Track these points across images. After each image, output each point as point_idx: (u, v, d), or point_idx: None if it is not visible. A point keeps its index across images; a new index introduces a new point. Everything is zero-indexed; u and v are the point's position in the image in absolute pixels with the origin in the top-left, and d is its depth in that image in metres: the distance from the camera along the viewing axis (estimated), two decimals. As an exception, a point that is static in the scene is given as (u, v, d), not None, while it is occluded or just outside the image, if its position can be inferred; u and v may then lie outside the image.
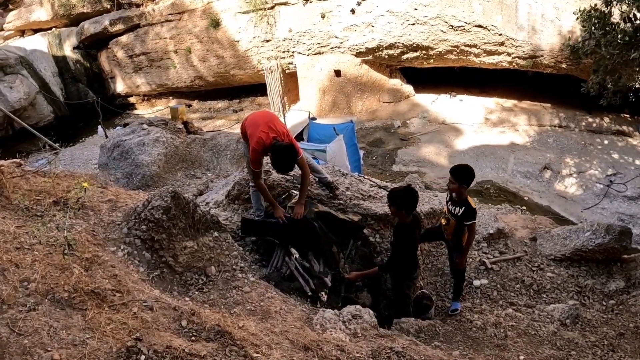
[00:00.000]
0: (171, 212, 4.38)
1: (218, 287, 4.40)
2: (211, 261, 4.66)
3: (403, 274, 5.53)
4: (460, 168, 5.43)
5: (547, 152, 14.76)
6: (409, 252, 5.37)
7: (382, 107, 18.78)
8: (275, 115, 6.03)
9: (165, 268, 4.34)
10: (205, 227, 4.83)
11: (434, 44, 16.13)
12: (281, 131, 5.59)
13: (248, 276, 4.74)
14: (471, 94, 18.23)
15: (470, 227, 5.52)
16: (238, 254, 5.04)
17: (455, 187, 5.38)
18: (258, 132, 5.46)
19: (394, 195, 5.12)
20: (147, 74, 22.97)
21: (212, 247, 4.76)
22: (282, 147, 5.35)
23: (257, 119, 5.74)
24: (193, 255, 4.51)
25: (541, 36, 14.40)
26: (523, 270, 6.90)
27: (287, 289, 5.05)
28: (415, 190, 5.19)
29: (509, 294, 6.52)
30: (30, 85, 22.21)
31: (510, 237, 7.59)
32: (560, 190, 13.36)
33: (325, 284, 5.17)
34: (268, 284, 4.88)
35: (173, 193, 4.43)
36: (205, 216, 4.83)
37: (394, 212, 5.16)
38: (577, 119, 15.93)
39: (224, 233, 5.14)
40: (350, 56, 17.94)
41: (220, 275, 4.57)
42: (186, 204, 4.55)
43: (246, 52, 19.70)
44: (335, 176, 7.09)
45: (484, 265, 6.91)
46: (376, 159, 15.65)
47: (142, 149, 10.27)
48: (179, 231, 4.44)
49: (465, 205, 5.41)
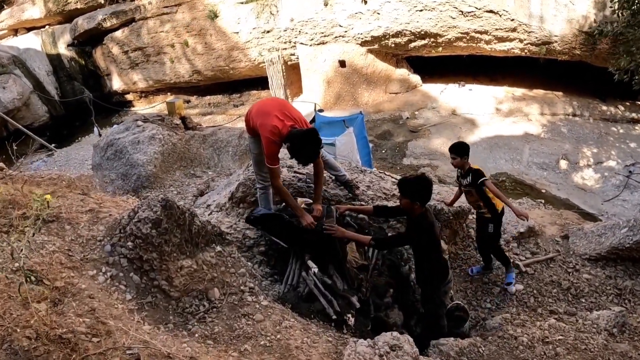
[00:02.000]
0: (162, 226, 3.62)
1: (223, 315, 3.65)
2: (214, 282, 3.89)
3: (432, 285, 4.78)
4: (457, 144, 5.84)
5: (562, 142, 14.36)
6: (433, 254, 4.66)
7: (389, 98, 18.34)
8: (285, 100, 5.31)
9: (158, 293, 3.60)
10: (206, 241, 4.07)
11: (443, 30, 15.59)
12: (297, 117, 4.88)
13: (259, 299, 3.95)
14: (480, 83, 17.89)
15: (486, 183, 5.61)
16: (246, 271, 4.26)
17: (458, 161, 5.71)
18: (271, 120, 4.71)
19: (406, 185, 4.43)
20: (144, 70, 22.40)
21: (214, 265, 3.99)
22: (303, 132, 4.65)
23: (265, 107, 4.97)
24: (192, 276, 3.76)
25: (554, 21, 13.90)
26: (558, 272, 6.39)
27: (306, 311, 4.29)
28: (429, 178, 4.59)
29: (547, 300, 6.00)
30: (23, 85, 21.69)
31: (541, 235, 7.07)
32: (579, 182, 12.97)
33: (352, 305, 4.39)
34: (284, 308, 4.11)
35: (164, 202, 3.67)
36: (205, 228, 4.06)
37: (406, 204, 4.42)
38: (591, 108, 15.59)
39: (229, 246, 4.37)
40: (355, 45, 17.38)
41: (226, 300, 3.80)
42: (181, 214, 3.78)
43: (246, 43, 19.16)
44: (354, 173, 6.39)
45: (517, 269, 6.33)
46: (385, 153, 15.19)
47: (137, 148, 9.55)
48: (173, 248, 3.69)
49: (471, 172, 5.70)
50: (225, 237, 4.37)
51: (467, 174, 5.74)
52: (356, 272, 4.86)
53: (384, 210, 5.06)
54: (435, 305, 4.83)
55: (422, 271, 4.75)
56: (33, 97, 22.12)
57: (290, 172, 5.95)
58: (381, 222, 5.69)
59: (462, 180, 5.85)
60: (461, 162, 5.72)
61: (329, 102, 18.40)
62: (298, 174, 5.87)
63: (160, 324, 3.40)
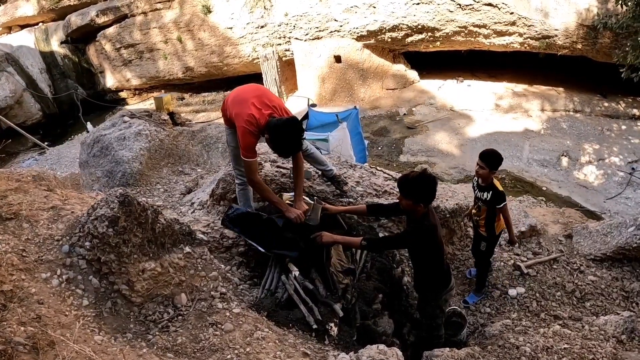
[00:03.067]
0: (120, 224, 3.25)
1: (189, 324, 3.26)
2: (181, 286, 3.51)
3: (432, 293, 4.33)
4: (492, 153, 5.16)
5: (563, 138, 14.09)
6: (434, 260, 4.20)
7: (386, 95, 18.07)
8: (264, 87, 4.81)
9: (118, 299, 3.24)
10: (173, 241, 3.68)
11: (441, 24, 15.26)
12: (277, 105, 4.46)
13: (231, 306, 3.56)
14: (479, 78, 17.72)
15: (503, 209, 5.22)
16: (219, 274, 3.86)
17: (486, 172, 5.10)
18: (247, 108, 4.29)
19: (408, 184, 3.90)
20: (137, 67, 22.13)
21: (182, 268, 3.62)
22: (284, 121, 4.22)
23: (242, 95, 4.53)
24: (156, 280, 3.38)
25: (555, 15, 13.51)
26: (562, 274, 6.03)
27: (284, 320, 3.84)
28: (433, 176, 4.03)
29: (550, 304, 5.64)
30: (16, 83, 21.47)
31: (543, 234, 6.72)
32: (580, 179, 12.70)
33: (335, 313, 3.96)
34: (258, 316, 3.69)
35: (122, 197, 3.29)
36: (171, 226, 3.67)
37: (408, 205, 3.92)
38: (592, 104, 15.35)
39: (199, 247, 3.97)
40: (350, 40, 17.07)
41: (194, 306, 3.42)
42: (142, 211, 3.39)
43: (240, 39, 18.87)
44: (343, 168, 5.98)
45: (518, 270, 6.00)
46: (382, 149, 14.87)
47: (123, 144, 9.21)
48: (133, 249, 3.31)
49: (492, 189, 5.18)
50: (196, 237, 3.96)
51: (487, 189, 5.23)
52: (341, 276, 4.40)
53: (378, 209, 4.61)
54: (434, 315, 4.41)
55: (421, 277, 4.34)
56: (26, 95, 21.89)
57: (273, 167, 5.55)
58: (371, 221, 5.28)
59: (479, 193, 5.37)
60: (488, 174, 5.14)
61: (324, 98, 18.10)
62: (282, 169, 5.47)
63: (118, 333, 3.05)
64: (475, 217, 5.56)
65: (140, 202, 3.39)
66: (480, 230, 5.51)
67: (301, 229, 4.41)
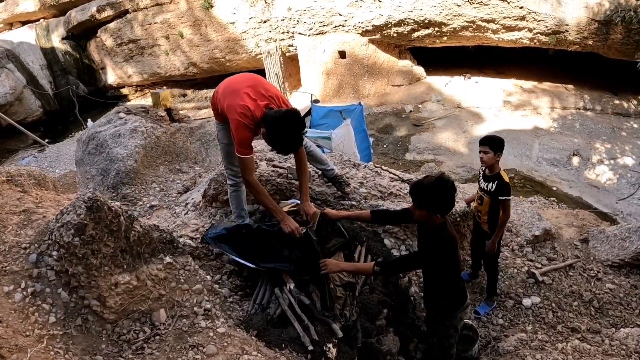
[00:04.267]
0: (87, 233, 2.87)
1: (167, 346, 2.89)
2: (161, 301, 3.14)
3: (447, 310, 3.82)
4: (492, 136, 4.99)
5: (573, 137, 13.68)
6: (451, 276, 3.68)
7: (392, 91, 17.70)
8: (259, 76, 4.30)
9: (89, 315, 2.87)
10: (152, 251, 3.28)
11: (448, 19, 14.85)
12: (274, 95, 4.03)
13: (216, 324, 3.16)
14: (486, 75, 17.33)
15: (505, 203, 4.88)
16: (203, 287, 3.46)
17: (490, 155, 4.83)
18: (241, 99, 3.86)
19: (422, 192, 3.38)
20: (138, 63, 21.87)
21: (162, 280, 3.23)
22: (282, 113, 3.77)
23: (234, 85, 4.09)
24: (131, 294, 3.01)
25: (566, 9, 13.08)
26: (579, 282, 5.67)
27: (276, 340, 3.42)
28: (451, 180, 3.47)
29: (567, 314, 5.27)
30: (16, 80, 21.20)
31: (557, 238, 6.35)
32: (591, 179, 12.29)
33: (334, 333, 3.49)
34: (246, 336, 3.28)
35: (90, 202, 2.91)
36: (149, 234, 3.26)
37: (422, 216, 3.45)
38: (602, 101, 14.96)
39: (182, 256, 3.55)
40: (355, 35, 16.70)
41: (174, 324, 3.03)
42: (114, 217, 3.01)
43: (242, 34, 18.55)
44: (345, 168, 5.59)
45: (533, 278, 5.62)
46: (387, 147, 14.50)
47: (118, 141, 8.88)
48: (103, 260, 2.93)
49: (498, 180, 4.88)
50: (178, 246, 3.54)
51: (492, 179, 4.92)
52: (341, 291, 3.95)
53: (384, 215, 4.14)
54: (447, 335, 3.90)
55: (434, 295, 3.85)
56: (26, 91, 21.60)
57: (269, 166, 5.15)
58: (375, 226, 4.85)
59: (483, 183, 5.04)
60: (493, 158, 4.84)
61: (328, 95, 17.75)
62: (278, 168, 5.05)
63: (87, 355, 2.69)
64: (477, 212, 5.23)
65: (112, 207, 3.00)
66: (483, 227, 5.19)
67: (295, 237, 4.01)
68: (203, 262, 4.16)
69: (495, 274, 5.38)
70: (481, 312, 5.34)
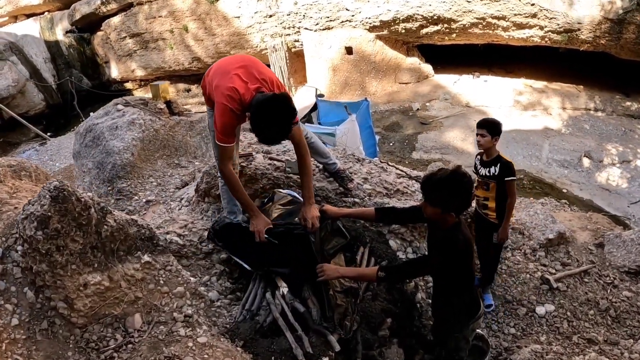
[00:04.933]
0: (51, 226, 2.55)
1: (139, 356, 2.57)
2: (136, 305, 2.82)
3: (458, 321, 3.42)
4: (491, 119, 4.82)
5: (584, 138, 13.41)
6: (464, 283, 3.28)
7: (399, 89, 17.48)
8: (254, 58, 3.90)
9: (57, 318, 2.58)
10: (128, 248, 2.96)
11: (457, 15, 14.58)
12: (269, 79, 3.61)
13: (197, 332, 2.84)
14: (495, 74, 17.09)
15: (512, 185, 4.70)
16: (186, 289, 3.13)
17: (488, 139, 4.67)
18: (229, 80, 3.47)
19: (435, 187, 3.00)
20: (142, 57, 21.69)
21: (138, 282, 2.91)
22: (269, 97, 3.31)
23: (225, 66, 3.69)
24: (103, 296, 2.70)
25: (578, 7, 12.80)
26: (594, 289, 5.35)
27: (265, 352, 3.05)
28: (468, 174, 3.06)
29: (583, 324, 4.96)
30: (19, 72, 21.07)
31: (572, 242, 5.98)
32: (602, 181, 12.04)
33: (330, 345, 3.09)
34: (231, 347, 2.93)
35: (56, 191, 2.58)
36: (124, 229, 2.93)
37: (434, 215, 3.07)
38: (613, 103, 14.72)
39: (163, 255, 3.22)
40: (362, 31, 16.45)
41: (150, 331, 2.72)
42: (83, 209, 2.67)
43: (247, 29, 18.33)
44: (348, 162, 5.24)
45: (547, 284, 5.27)
46: (393, 145, 14.25)
47: (114, 134, 8.60)
48: (70, 258, 2.61)
49: (499, 161, 4.70)
50: (159, 243, 3.20)
51: (493, 162, 4.70)
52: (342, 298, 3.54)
53: (389, 214, 3.70)
54: (458, 347, 3.51)
55: (444, 303, 3.45)
56: (29, 84, 21.47)
57: (266, 159, 4.80)
58: (380, 226, 4.48)
59: (483, 169, 4.79)
60: (491, 142, 4.66)
61: (335, 91, 17.49)
62: (275, 161, 4.71)
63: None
64: (482, 200, 4.94)
65: (81, 197, 2.67)
66: (489, 217, 4.91)
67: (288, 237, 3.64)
68: (191, 262, 3.84)
69: (496, 266, 5.21)
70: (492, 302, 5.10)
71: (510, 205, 4.73)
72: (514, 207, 4.89)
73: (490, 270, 5.12)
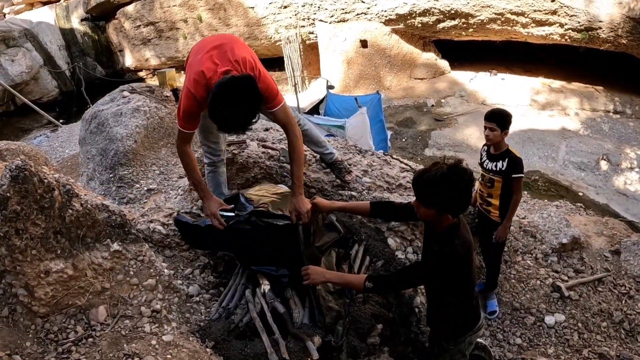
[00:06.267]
0: (10, 208, 2.32)
1: (97, 352, 2.34)
2: (102, 297, 2.60)
3: (454, 333, 3.05)
4: (500, 110, 4.48)
5: (603, 140, 13.07)
6: (462, 292, 2.92)
7: (414, 84, 17.20)
8: (237, 38, 3.59)
9: (18, 305, 2.36)
10: (96, 235, 2.71)
11: (475, 10, 14.22)
12: (241, 59, 3.25)
13: (163, 329, 2.59)
14: (513, 72, 16.70)
15: (519, 182, 4.41)
16: (158, 282, 2.87)
17: (497, 133, 4.36)
18: (200, 63, 3.19)
19: (428, 185, 2.61)
20: (156, 46, 21.62)
21: (106, 271, 2.67)
22: (228, 79, 2.94)
23: (202, 46, 3.41)
24: (66, 285, 2.47)
25: (600, 4, 12.40)
26: (608, 299, 5.02)
27: (237, 355, 2.75)
28: (469, 170, 2.62)
29: (595, 337, 4.64)
30: (33, 59, 20.99)
31: (586, 248, 5.67)
32: (620, 186, 11.70)
33: (308, 352, 2.74)
34: (199, 347, 2.65)
35: (17, 171, 2.34)
36: (90, 214, 2.67)
37: (428, 216, 2.72)
38: (633, 105, 14.33)
39: (136, 244, 2.96)
40: (378, 24, 16.16)
41: (113, 325, 2.48)
42: (46, 191, 2.44)
43: (262, 20, 18.12)
44: (348, 153, 4.95)
45: (558, 292, 4.96)
46: (406, 142, 14.02)
47: (118, 120, 8.45)
48: (31, 242, 2.39)
49: (508, 156, 4.41)
50: (131, 231, 2.95)
51: (501, 157, 4.40)
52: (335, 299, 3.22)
53: (386, 209, 3.38)
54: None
55: (439, 314, 3.09)
56: (43, 71, 21.40)
57: (259, 147, 4.53)
58: (379, 222, 4.18)
59: (490, 164, 4.50)
60: (500, 136, 4.35)
61: (349, 85, 17.24)
62: (269, 149, 4.43)
63: (6, 353, 2.17)
64: (486, 197, 4.65)
65: (44, 178, 2.44)
66: (491, 215, 4.63)
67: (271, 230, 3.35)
68: (174, 253, 3.59)
69: (499, 266, 4.93)
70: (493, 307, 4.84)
71: (515, 202, 4.45)
72: (519, 205, 4.66)
73: (492, 273, 4.85)
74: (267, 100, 3.35)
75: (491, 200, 4.54)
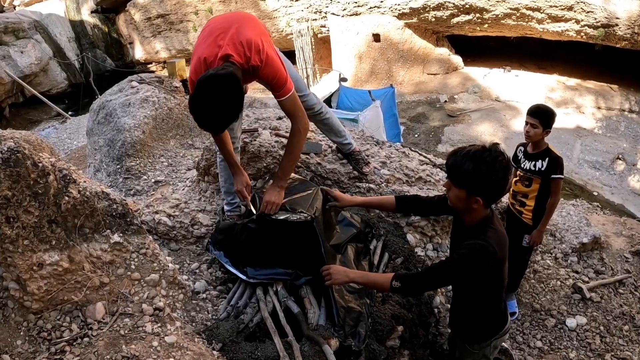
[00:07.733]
0: (0, 193, 2.12)
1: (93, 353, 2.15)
2: (101, 292, 2.40)
3: (479, 337, 2.85)
4: (544, 107, 4.19)
5: (618, 140, 12.91)
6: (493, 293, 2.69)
7: (427, 79, 17.02)
8: (250, 16, 3.36)
9: (10, 300, 2.19)
10: (95, 225, 2.51)
11: (490, 5, 14.02)
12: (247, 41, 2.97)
13: (166, 330, 2.40)
14: (528, 69, 16.45)
15: (559, 184, 4.12)
16: (162, 277, 2.67)
17: (539, 131, 4.04)
18: (205, 48, 2.98)
19: (462, 163, 2.38)
20: (167, 39, 21.56)
21: (105, 265, 2.48)
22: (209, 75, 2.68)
23: (210, 29, 3.15)
24: (61, 279, 2.29)
25: (617, 1, 12.19)
26: (630, 302, 4.84)
27: (247, 358, 2.54)
28: (507, 156, 2.39)
29: (617, 341, 4.45)
30: (42, 51, 20.91)
31: (606, 248, 5.48)
32: (635, 186, 11.58)
33: (324, 356, 2.53)
34: (205, 350, 2.44)
35: (8, 153, 2.14)
36: (89, 202, 2.45)
37: (458, 200, 2.49)
38: (649, 104, 14.09)
39: (138, 236, 2.73)
40: (391, 18, 15.97)
41: (112, 324, 2.30)
42: (40, 176, 2.24)
43: (273, 12, 18.03)
44: (366, 144, 4.73)
45: (579, 293, 4.77)
46: (419, 137, 13.88)
47: (126, 111, 8.30)
48: (22, 232, 2.20)
49: (548, 156, 4.09)
50: (133, 222, 2.72)
51: (541, 156, 4.09)
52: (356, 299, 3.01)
53: (412, 203, 3.20)
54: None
55: (466, 316, 2.89)
56: (52, 63, 21.32)
57: (272, 136, 4.33)
58: (397, 217, 3.95)
59: (527, 163, 4.19)
60: (541, 134, 4.05)
61: (361, 79, 17.09)
62: (283, 138, 4.21)
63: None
64: (520, 197, 4.35)
65: (39, 162, 2.25)
66: (523, 216, 4.33)
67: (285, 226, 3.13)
68: (180, 246, 3.42)
69: (524, 270, 4.69)
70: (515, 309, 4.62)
71: (552, 205, 4.18)
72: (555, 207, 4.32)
73: (516, 276, 4.60)
74: (275, 89, 3.15)
75: (526, 200, 4.29)
